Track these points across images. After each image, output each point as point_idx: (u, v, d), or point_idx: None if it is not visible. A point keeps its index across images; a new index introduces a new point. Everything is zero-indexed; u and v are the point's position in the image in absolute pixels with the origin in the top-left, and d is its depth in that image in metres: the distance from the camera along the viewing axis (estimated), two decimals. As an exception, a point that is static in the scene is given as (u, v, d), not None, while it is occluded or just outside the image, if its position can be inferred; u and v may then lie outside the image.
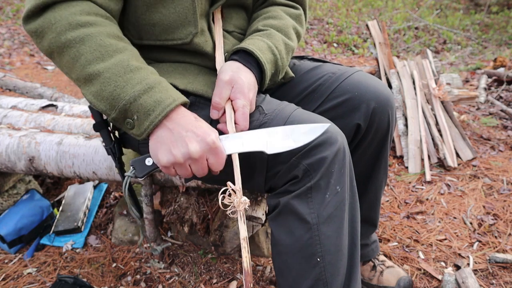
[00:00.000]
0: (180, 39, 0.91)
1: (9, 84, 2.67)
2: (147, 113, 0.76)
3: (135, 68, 0.77)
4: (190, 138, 0.75)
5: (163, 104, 0.76)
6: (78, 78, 0.78)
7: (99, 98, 0.77)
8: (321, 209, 0.81)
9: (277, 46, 0.94)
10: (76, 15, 0.76)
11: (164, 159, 0.77)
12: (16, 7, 5.79)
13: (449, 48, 5.38)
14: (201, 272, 1.41)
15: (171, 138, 0.76)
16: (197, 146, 0.75)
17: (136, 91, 0.75)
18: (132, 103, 0.76)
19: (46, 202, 1.64)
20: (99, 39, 0.76)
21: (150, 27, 0.90)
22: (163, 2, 0.87)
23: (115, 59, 0.76)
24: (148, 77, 0.78)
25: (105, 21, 0.80)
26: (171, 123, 0.77)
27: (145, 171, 0.82)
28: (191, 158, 0.76)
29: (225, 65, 0.89)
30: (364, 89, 1.00)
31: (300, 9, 1.08)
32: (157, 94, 0.76)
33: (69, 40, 0.75)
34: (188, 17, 0.89)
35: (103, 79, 0.75)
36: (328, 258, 0.83)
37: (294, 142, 0.79)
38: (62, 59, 0.78)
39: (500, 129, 2.52)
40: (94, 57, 0.75)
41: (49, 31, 0.76)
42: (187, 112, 0.80)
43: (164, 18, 0.89)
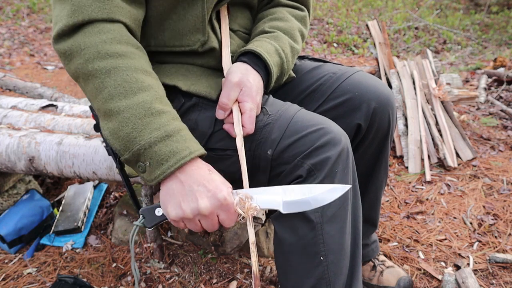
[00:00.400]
0: (188, 45, 0.90)
1: (9, 84, 2.67)
2: (160, 162, 0.73)
3: (156, 112, 0.74)
4: (201, 193, 0.72)
5: (178, 156, 0.73)
6: (98, 109, 0.77)
7: (115, 137, 0.75)
8: (324, 208, 0.81)
9: (284, 49, 0.94)
10: (107, 44, 0.74)
11: (173, 213, 0.74)
12: (16, 7, 5.79)
13: (449, 48, 5.38)
14: (201, 272, 1.41)
15: (182, 191, 0.73)
16: (207, 202, 0.72)
17: (153, 137, 0.72)
18: (147, 149, 0.73)
19: (46, 202, 1.64)
20: (125, 73, 0.74)
21: (159, 33, 0.89)
22: (175, 9, 0.87)
23: (137, 98, 0.73)
24: (168, 124, 0.74)
25: (135, 52, 0.78)
26: (184, 176, 0.74)
27: (154, 222, 0.79)
28: (201, 214, 0.73)
29: (234, 66, 0.89)
30: (365, 89, 1.00)
31: (305, 11, 1.08)
32: (173, 144, 0.73)
33: (96, 70, 0.73)
34: (197, 24, 0.88)
35: (122, 118, 0.73)
36: (331, 257, 0.83)
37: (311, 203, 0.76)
38: (86, 86, 0.76)
39: (500, 129, 2.52)
40: (117, 92, 0.73)
41: (77, 55, 0.74)
42: (202, 164, 0.77)
43: (174, 24, 0.88)
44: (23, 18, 5.53)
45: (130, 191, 1.21)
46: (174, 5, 0.86)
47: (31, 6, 5.85)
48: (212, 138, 0.88)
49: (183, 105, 0.90)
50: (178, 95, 0.90)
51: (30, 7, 5.85)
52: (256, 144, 0.84)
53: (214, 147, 0.88)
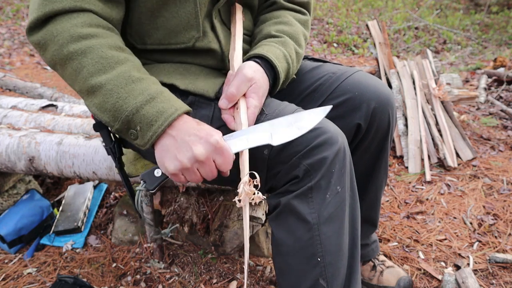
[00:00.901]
0: (183, 43, 0.91)
1: (9, 84, 2.68)
2: (150, 124, 0.76)
3: (136, 79, 0.77)
4: (194, 141, 0.75)
5: (165, 114, 0.76)
6: (81, 90, 0.79)
7: (102, 110, 0.77)
8: (321, 209, 0.81)
9: (291, 55, 0.95)
10: (78, 27, 0.76)
11: (171, 167, 0.77)
12: (16, 7, 5.79)
13: (449, 48, 5.38)
14: (201, 272, 1.41)
15: (175, 144, 0.76)
16: (201, 148, 0.75)
17: (138, 102, 0.75)
18: (135, 114, 0.76)
19: (46, 202, 1.64)
20: (100, 51, 0.76)
21: (153, 31, 0.90)
22: (167, 6, 0.88)
23: (116, 71, 0.76)
24: (149, 88, 0.78)
25: (107, 32, 0.80)
26: (174, 131, 0.77)
27: (156, 183, 0.82)
28: (198, 161, 0.76)
29: (248, 63, 0.89)
30: (365, 89, 1.00)
31: (308, 15, 1.09)
32: (159, 104, 0.76)
33: (71, 53, 0.75)
34: (190, 21, 0.89)
35: (105, 91, 0.76)
36: (329, 258, 0.83)
37: (299, 129, 0.78)
38: (65, 71, 0.78)
39: (500, 129, 2.52)
40: (96, 69, 0.76)
41: (51, 43, 0.76)
42: (189, 119, 0.79)
43: (167, 22, 0.89)
44: (23, 18, 5.53)
45: (130, 191, 1.21)
46: (164, 2, 0.87)
47: (31, 6, 5.84)
48: None
49: None
50: (175, 94, 0.90)
51: (30, 7, 5.84)
52: None
53: None
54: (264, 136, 0.78)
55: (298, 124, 0.78)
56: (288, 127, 0.78)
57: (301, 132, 0.78)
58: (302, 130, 0.78)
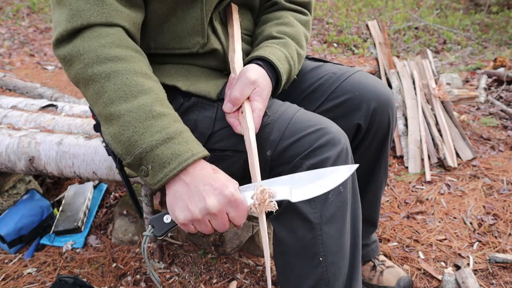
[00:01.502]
0: (188, 48, 0.90)
1: (9, 84, 2.67)
2: (162, 165, 0.72)
3: (157, 115, 0.73)
4: (208, 192, 0.71)
5: (180, 158, 0.72)
6: (99, 114, 0.76)
7: (117, 141, 0.74)
8: (323, 209, 0.81)
9: (292, 56, 0.95)
10: (106, 48, 0.73)
11: (181, 216, 0.73)
12: (16, 7, 5.79)
13: (449, 48, 5.38)
14: (201, 272, 1.41)
15: (188, 193, 0.72)
16: (215, 200, 0.71)
17: (155, 140, 0.72)
18: (149, 152, 0.72)
19: (46, 202, 1.64)
20: (125, 77, 0.73)
21: (159, 35, 0.89)
22: (175, 12, 0.87)
23: (138, 102, 0.73)
24: (169, 127, 0.74)
25: (135, 55, 0.77)
26: (188, 177, 0.73)
27: (164, 230, 0.78)
28: (210, 213, 0.72)
29: (251, 65, 0.88)
30: (365, 89, 1.00)
31: (309, 15, 1.08)
32: (176, 146, 0.72)
33: (95, 74, 0.73)
34: (196, 26, 0.88)
35: (123, 122, 0.72)
36: (330, 258, 0.83)
37: (320, 187, 0.74)
38: (87, 91, 0.76)
39: (500, 129, 2.52)
40: (117, 96, 0.73)
41: (77, 60, 0.74)
42: (206, 165, 0.75)
43: (173, 27, 0.88)
44: (23, 18, 5.53)
45: (130, 191, 1.21)
46: (174, 8, 0.86)
47: (31, 6, 5.85)
48: (211, 138, 0.88)
49: (182, 105, 0.90)
50: (177, 96, 0.90)
51: (30, 7, 5.85)
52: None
53: (213, 147, 0.88)
54: (284, 191, 0.74)
55: (320, 182, 0.74)
56: (309, 184, 0.74)
57: (322, 191, 0.74)
58: (323, 188, 0.74)
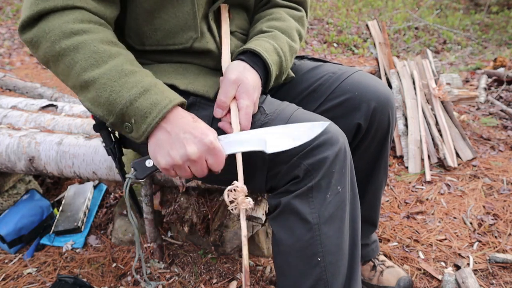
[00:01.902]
0: (181, 43, 0.91)
1: (9, 84, 2.67)
2: (144, 116, 0.76)
3: (129, 72, 0.77)
4: (188, 139, 0.75)
5: (160, 106, 0.76)
6: (74, 85, 0.79)
7: (96, 104, 0.77)
8: (322, 209, 0.81)
9: (282, 48, 0.95)
10: (69, 23, 0.76)
11: (162, 161, 0.78)
12: (16, 7, 5.79)
13: (449, 48, 5.38)
14: (201, 272, 1.41)
15: (169, 140, 0.76)
16: (195, 147, 0.75)
17: (132, 94, 0.75)
18: (129, 107, 0.76)
19: (46, 202, 1.64)
20: (92, 46, 0.76)
21: (151, 32, 0.90)
22: (164, 7, 0.88)
23: (109, 65, 0.76)
24: (143, 80, 0.78)
25: (99, 27, 0.80)
26: (169, 125, 0.77)
27: (146, 173, 0.83)
28: (190, 160, 0.76)
29: (231, 64, 0.89)
30: (365, 89, 1.01)
31: (303, 11, 1.09)
32: (153, 96, 0.76)
33: (63, 49, 0.76)
34: (188, 22, 0.89)
35: (99, 85, 0.76)
36: (329, 258, 0.83)
37: (294, 140, 0.78)
38: (58, 67, 0.79)
39: (500, 129, 2.52)
40: (88, 64, 0.76)
41: (43, 40, 0.77)
42: (185, 113, 0.80)
43: (164, 23, 0.89)
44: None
45: (130, 191, 1.21)
46: (162, 3, 0.87)
47: (31, 6, 5.84)
48: None
49: None
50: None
51: (30, 7, 5.84)
52: None
53: None
54: (259, 142, 0.79)
55: (294, 135, 0.79)
56: (284, 137, 0.79)
57: (296, 144, 0.78)
58: (297, 141, 0.78)
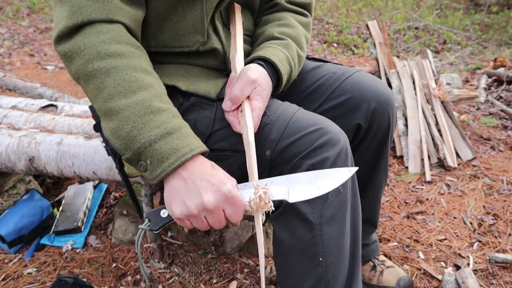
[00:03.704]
0: (188, 46, 0.90)
1: (9, 84, 2.67)
2: (161, 160, 0.72)
3: (156, 110, 0.74)
4: (205, 187, 0.71)
5: (179, 153, 0.72)
6: (99, 110, 0.77)
7: (116, 136, 0.75)
8: (323, 209, 0.81)
9: (293, 58, 0.95)
10: (106, 44, 0.74)
11: (177, 211, 0.73)
12: (16, 7, 5.79)
13: (449, 48, 5.38)
14: (201, 272, 1.41)
15: (185, 188, 0.73)
16: (212, 196, 0.71)
17: (153, 135, 0.72)
18: (147, 147, 0.72)
19: (46, 202, 1.64)
20: (125, 73, 0.74)
21: (159, 34, 0.90)
22: (175, 10, 0.87)
23: (137, 97, 0.73)
24: (168, 122, 0.74)
25: (135, 51, 0.78)
26: (186, 172, 0.73)
27: (160, 224, 0.78)
28: (206, 210, 0.72)
29: (252, 65, 0.88)
30: (365, 89, 1.00)
31: (309, 17, 1.09)
32: (174, 141, 0.73)
33: (96, 70, 0.74)
34: (196, 25, 0.88)
35: (122, 117, 0.73)
36: (330, 258, 0.83)
37: (319, 189, 0.74)
38: (87, 87, 0.77)
39: (500, 129, 2.52)
40: (117, 91, 0.73)
41: (77, 56, 0.75)
42: (204, 161, 0.76)
43: (173, 26, 0.88)
44: (23, 18, 5.53)
45: (130, 191, 1.21)
46: (174, 6, 0.86)
47: (31, 6, 5.85)
48: (210, 138, 0.88)
49: (182, 105, 0.90)
50: (177, 95, 0.90)
51: (30, 7, 5.85)
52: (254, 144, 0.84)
53: (213, 147, 0.88)
54: (281, 191, 0.75)
55: (319, 184, 0.74)
56: (308, 185, 0.75)
57: (321, 193, 0.74)
58: (322, 190, 0.74)
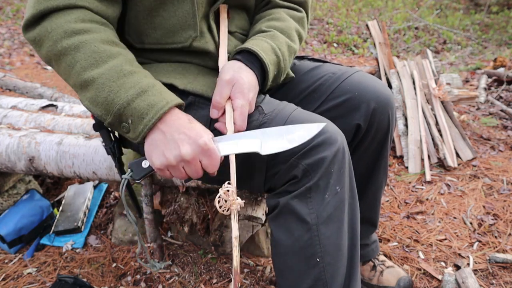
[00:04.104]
0: (180, 42, 0.91)
1: (9, 84, 2.67)
2: (141, 117, 0.77)
3: (128, 73, 0.78)
4: (182, 140, 0.76)
5: (156, 107, 0.76)
6: (74, 84, 0.80)
7: (95, 104, 0.78)
8: (320, 209, 0.81)
9: (280, 47, 0.94)
10: (71, 23, 0.77)
11: (157, 162, 0.78)
12: (16, 7, 5.79)
13: (449, 48, 5.38)
14: (201, 272, 1.41)
15: (164, 140, 0.77)
16: (189, 148, 0.76)
17: (130, 95, 0.76)
18: (126, 107, 0.76)
19: (46, 202, 1.64)
20: (93, 45, 0.77)
21: (151, 30, 0.91)
22: (164, 6, 0.88)
23: (108, 65, 0.77)
24: (141, 81, 0.78)
25: (100, 27, 0.81)
26: (165, 126, 0.77)
27: (142, 174, 0.83)
28: (184, 160, 0.76)
29: (226, 64, 0.89)
30: (364, 89, 1.01)
31: (303, 12, 1.08)
32: (150, 98, 0.77)
33: (65, 48, 0.77)
34: (188, 20, 0.89)
35: (97, 85, 0.77)
36: (328, 259, 0.83)
37: (289, 142, 0.78)
38: (59, 66, 0.80)
39: (500, 129, 2.52)
40: (88, 63, 0.77)
41: (46, 39, 0.78)
42: (182, 114, 0.80)
43: (164, 22, 0.89)
44: (23, 18, 5.53)
45: (130, 191, 1.21)
46: (162, 1, 0.88)
47: (31, 6, 5.84)
48: None
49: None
50: (175, 94, 0.90)
51: (30, 7, 5.84)
52: None
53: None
54: (254, 143, 0.79)
55: (289, 137, 0.79)
56: (279, 138, 0.79)
57: (291, 145, 0.78)
58: (292, 143, 0.78)
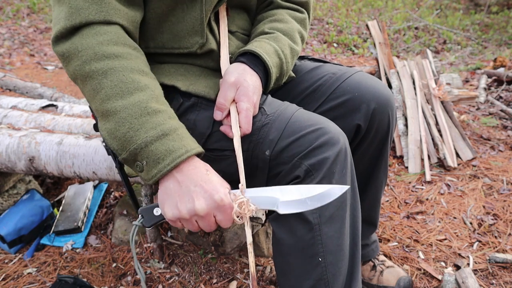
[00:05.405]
0: (187, 48, 0.90)
1: (9, 84, 2.67)
2: (157, 161, 0.73)
3: (152, 111, 0.74)
4: (198, 193, 0.72)
5: (174, 154, 0.73)
6: (96, 110, 0.77)
7: (112, 137, 0.75)
8: (323, 209, 0.81)
9: (283, 50, 0.94)
10: (103, 45, 0.75)
11: (169, 213, 0.75)
12: (16, 7, 5.79)
13: (449, 48, 5.38)
14: (201, 272, 1.41)
15: (179, 191, 0.74)
16: (204, 203, 0.72)
17: (149, 136, 0.73)
18: (143, 148, 0.73)
19: (46, 202, 1.64)
20: (122, 74, 0.74)
21: (158, 35, 0.90)
22: (174, 11, 0.87)
23: (134, 98, 0.74)
24: (164, 123, 0.75)
25: (132, 52, 0.78)
26: (181, 175, 0.74)
27: (153, 222, 0.80)
28: (197, 215, 0.74)
29: (231, 66, 0.89)
30: (365, 90, 1.01)
31: (305, 13, 1.08)
32: (170, 143, 0.73)
33: (93, 71, 0.74)
34: (195, 26, 0.88)
35: (119, 118, 0.73)
36: (330, 258, 0.83)
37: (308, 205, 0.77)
38: (84, 87, 0.77)
39: (500, 129, 2.52)
40: (113, 92, 0.74)
41: (75, 57, 0.75)
42: (200, 163, 0.76)
43: (172, 27, 0.88)
44: (23, 18, 5.53)
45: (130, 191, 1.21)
46: (173, 7, 0.86)
47: (31, 6, 5.85)
48: (210, 138, 0.88)
49: (182, 105, 0.90)
50: (176, 95, 0.90)
51: (30, 7, 5.85)
52: (254, 144, 0.84)
53: (212, 147, 0.88)
54: (271, 202, 0.77)
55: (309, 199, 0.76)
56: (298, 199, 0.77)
57: (310, 208, 0.76)
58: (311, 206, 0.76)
